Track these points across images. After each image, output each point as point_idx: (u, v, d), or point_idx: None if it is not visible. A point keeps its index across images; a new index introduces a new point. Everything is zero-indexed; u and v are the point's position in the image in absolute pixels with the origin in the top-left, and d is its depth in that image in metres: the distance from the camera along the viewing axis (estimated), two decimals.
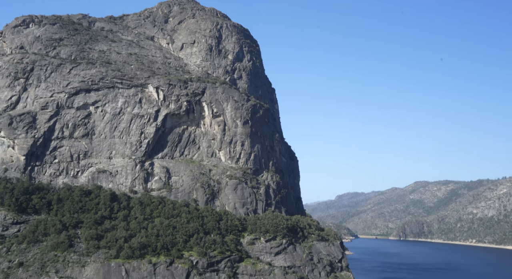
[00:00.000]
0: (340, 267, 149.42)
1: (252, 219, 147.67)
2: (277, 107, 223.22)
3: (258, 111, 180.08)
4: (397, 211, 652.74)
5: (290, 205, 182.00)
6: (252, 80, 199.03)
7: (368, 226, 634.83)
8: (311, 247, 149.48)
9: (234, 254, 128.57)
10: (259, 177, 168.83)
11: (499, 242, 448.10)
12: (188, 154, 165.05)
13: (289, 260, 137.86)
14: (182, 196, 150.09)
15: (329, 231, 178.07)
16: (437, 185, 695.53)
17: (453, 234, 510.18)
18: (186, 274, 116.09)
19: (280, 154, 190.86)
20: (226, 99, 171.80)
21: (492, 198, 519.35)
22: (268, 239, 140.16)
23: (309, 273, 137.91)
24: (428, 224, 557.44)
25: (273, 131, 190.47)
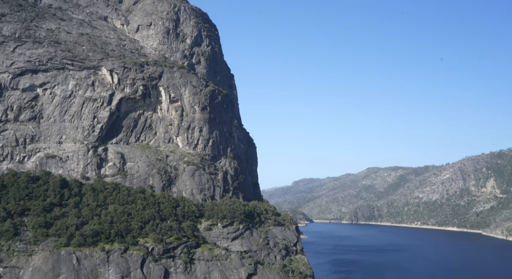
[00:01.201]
0: (295, 251, 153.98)
1: (210, 205, 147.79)
2: (236, 94, 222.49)
3: (217, 97, 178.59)
4: (350, 196, 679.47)
5: (248, 191, 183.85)
6: (211, 66, 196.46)
7: (322, 211, 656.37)
8: (268, 232, 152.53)
9: (191, 240, 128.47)
10: (217, 163, 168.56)
11: (441, 224, 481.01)
12: (144, 140, 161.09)
13: (245, 245, 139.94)
14: (138, 182, 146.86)
15: (285, 216, 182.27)
16: (388, 171, 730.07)
17: (400, 217, 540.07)
18: (141, 261, 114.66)
19: (238, 140, 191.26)
20: (184, 84, 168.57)
21: (436, 183, 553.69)
22: (225, 224, 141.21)
23: (265, 257, 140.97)
24: (378, 208, 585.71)
25: (231, 118, 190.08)
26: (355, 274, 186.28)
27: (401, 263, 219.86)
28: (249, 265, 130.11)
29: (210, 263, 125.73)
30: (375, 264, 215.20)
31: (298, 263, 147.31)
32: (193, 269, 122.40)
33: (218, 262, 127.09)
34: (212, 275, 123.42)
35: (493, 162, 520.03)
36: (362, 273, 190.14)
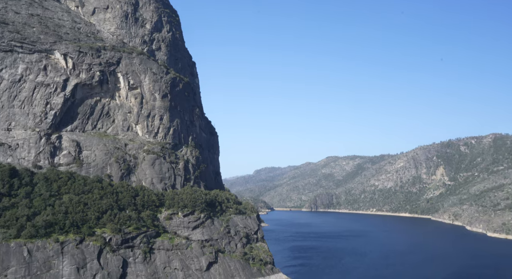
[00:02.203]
0: (256, 239, 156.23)
1: (170, 194, 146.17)
2: (197, 82, 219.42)
3: (178, 85, 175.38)
4: (310, 184, 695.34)
5: (209, 179, 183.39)
6: (171, 52, 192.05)
7: (283, 199, 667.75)
8: (229, 220, 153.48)
9: (151, 229, 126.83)
10: (178, 152, 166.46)
11: (395, 210, 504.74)
12: (101, 127, 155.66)
13: (206, 233, 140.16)
14: (95, 172, 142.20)
15: (246, 204, 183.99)
16: (346, 160, 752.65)
17: (357, 204, 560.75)
18: (98, 252, 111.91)
19: (200, 129, 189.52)
20: (143, 71, 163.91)
21: (391, 171, 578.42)
22: (186, 213, 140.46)
23: (226, 245, 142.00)
24: (337, 195, 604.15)
25: (193, 106, 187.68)
26: (313, 260, 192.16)
27: (357, 248, 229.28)
28: (209, 254, 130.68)
29: (170, 252, 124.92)
30: (332, 250, 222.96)
31: (259, 251, 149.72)
32: (153, 259, 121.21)
33: (179, 251, 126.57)
34: (172, 264, 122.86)
35: (443, 151, 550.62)
36: (320, 258, 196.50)
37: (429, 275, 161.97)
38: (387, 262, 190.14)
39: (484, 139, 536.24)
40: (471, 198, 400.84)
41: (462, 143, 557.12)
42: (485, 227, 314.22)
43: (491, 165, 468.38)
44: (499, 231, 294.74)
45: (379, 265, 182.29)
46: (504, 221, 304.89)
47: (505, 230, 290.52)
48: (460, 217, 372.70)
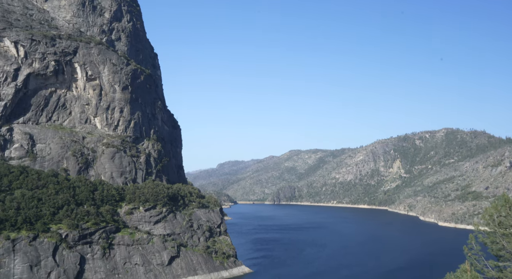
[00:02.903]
0: (219, 232, 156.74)
1: (131, 188, 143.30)
2: (159, 74, 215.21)
3: (139, 77, 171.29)
4: (273, 178, 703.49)
5: (172, 173, 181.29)
6: (132, 43, 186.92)
7: (246, 192, 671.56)
8: (192, 214, 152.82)
9: (110, 224, 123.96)
10: (140, 145, 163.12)
11: (354, 202, 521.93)
12: (57, 120, 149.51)
13: (168, 228, 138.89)
14: (50, 166, 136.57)
15: (209, 198, 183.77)
16: (308, 153, 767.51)
17: (319, 197, 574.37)
18: (53, 249, 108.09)
19: (162, 122, 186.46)
20: (102, 62, 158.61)
21: (351, 164, 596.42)
22: (148, 208, 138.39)
23: (189, 239, 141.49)
24: (299, 188, 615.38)
25: (155, 99, 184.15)
26: (275, 251, 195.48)
27: (318, 239, 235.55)
28: (172, 248, 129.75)
29: (130, 247, 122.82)
30: (294, 241, 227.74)
31: (222, 244, 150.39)
32: (112, 255, 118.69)
33: (140, 246, 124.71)
34: (132, 260, 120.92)
35: (399, 144, 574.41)
36: (282, 249, 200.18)
37: (385, 263, 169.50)
38: (346, 252, 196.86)
39: (437, 133, 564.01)
40: (424, 189, 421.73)
41: (417, 137, 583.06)
42: (437, 217, 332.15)
43: (443, 158, 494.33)
44: (449, 220, 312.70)
45: (339, 255, 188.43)
46: (453, 211, 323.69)
47: (454, 220, 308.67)
48: (414, 208, 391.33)
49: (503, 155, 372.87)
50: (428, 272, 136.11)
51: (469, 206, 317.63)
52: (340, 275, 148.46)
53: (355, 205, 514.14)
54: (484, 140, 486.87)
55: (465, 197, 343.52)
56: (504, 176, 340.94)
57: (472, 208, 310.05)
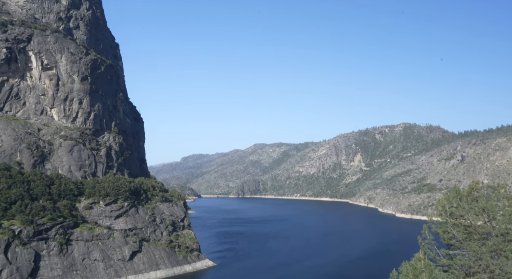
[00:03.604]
0: (182, 226, 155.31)
1: (91, 182, 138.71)
2: (121, 65, 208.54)
3: (100, 67, 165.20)
4: (238, 171, 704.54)
5: (134, 167, 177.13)
6: (92, 32, 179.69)
7: (211, 186, 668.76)
8: (155, 209, 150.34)
9: (68, 220, 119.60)
10: (100, 138, 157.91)
11: (317, 195, 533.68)
12: (9, 110, 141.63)
13: (130, 222, 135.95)
14: (2, 159, 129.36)
15: (173, 192, 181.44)
16: (273, 147, 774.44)
17: (283, 190, 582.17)
18: (5, 245, 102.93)
19: (124, 114, 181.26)
20: (59, 51, 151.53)
21: (314, 158, 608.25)
22: (109, 202, 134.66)
23: (151, 233, 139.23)
24: (263, 182, 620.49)
25: (116, 90, 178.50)
26: (239, 244, 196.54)
27: (281, 231, 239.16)
28: (133, 243, 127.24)
29: (90, 243, 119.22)
30: (258, 234, 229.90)
31: (185, 238, 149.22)
32: (70, 251, 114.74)
33: (99, 242, 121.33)
34: (92, 256, 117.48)
35: (361, 138, 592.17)
36: (246, 242, 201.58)
37: (346, 252, 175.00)
38: (308, 244, 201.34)
39: (395, 128, 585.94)
40: (383, 182, 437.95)
41: (377, 131, 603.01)
42: (394, 208, 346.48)
43: (401, 151, 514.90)
44: (406, 211, 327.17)
45: (302, 247, 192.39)
46: (410, 202, 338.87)
47: (411, 211, 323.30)
48: (374, 200, 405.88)
49: (455, 149, 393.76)
50: (386, 261, 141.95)
51: (424, 198, 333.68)
52: (303, 266, 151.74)
53: (318, 197, 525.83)
54: (438, 135, 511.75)
55: (421, 189, 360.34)
56: (456, 169, 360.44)
57: (427, 200, 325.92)
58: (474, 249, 23.65)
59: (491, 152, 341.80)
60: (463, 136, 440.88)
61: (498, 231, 23.32)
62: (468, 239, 24.66)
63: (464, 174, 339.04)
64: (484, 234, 24.03)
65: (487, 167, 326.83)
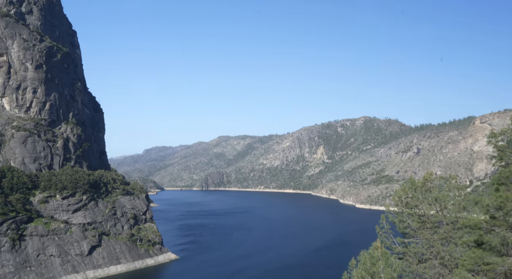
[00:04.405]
0: (145, 219, 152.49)
1: (46, 175, 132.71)
2: (79, 53, 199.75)
3: (55, 55, 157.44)
4: (202, 164, 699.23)
5: (93, 159, 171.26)
6: (47, 18, 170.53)
7: (174, 179, 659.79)
8: (115, 202, 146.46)
9: (21, 214, 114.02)
10: (56, 129, 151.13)
11: (280, 187, 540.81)
12: None
13: (89, 216, 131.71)
14: None
15: (134, 185, 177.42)
16: (237, 139, 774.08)
17: (247, 182, 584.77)
18: None
19: (82, 105, 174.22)
20: (11, 36, 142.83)
21: (278, 151, 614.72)
22: (66, 196, 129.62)
23: (112, 227, 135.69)
24: (227, 174, 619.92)
25: (74, 79, 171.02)
26: (203, 237, 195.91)
27: (245, 223, 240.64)
28: (92, 237, 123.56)
29: (45, 238, 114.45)
30: (222, 226, 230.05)
31: (147, 231, 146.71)
32: (23, 246, 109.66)
33: (56, 237, 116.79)
34: (47, 251, 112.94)
35: (323, 131, 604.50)
36: (210, 235, 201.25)
37: (308, 243, 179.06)
38: (272, 235, 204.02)
39: (356, 121, 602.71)
40: (344, 174, 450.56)
41: (339, 124, 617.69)
42: (355, 199, 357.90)
43: (361, 144, 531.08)
44: (365, 202, 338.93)
45: (265, 238, 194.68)
46: (369, 193, 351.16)
47: (370, 202, 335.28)
48: (335, 192, 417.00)
49: (412, 142, 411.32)
50: (345, 250, 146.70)
51: (382, 189, 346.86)
52: (266, 256, 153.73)
53: (281, 189, 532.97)
54: (396, 128, 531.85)
55: (379, 181, 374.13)
56: (412, 161, 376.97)
57: (385, 191, 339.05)
58: (426, 237, 24.85)
59: (444, 144, 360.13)
60: (419, 129, 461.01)
61: (449, 219, 24.62)
62: (422, 227, 25.84)
63: (420, 166, 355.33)
64: (436, 223, 25.30)
65: (440, 159, 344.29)
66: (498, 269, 17.47)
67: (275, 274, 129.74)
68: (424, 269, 23.90)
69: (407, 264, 24.96)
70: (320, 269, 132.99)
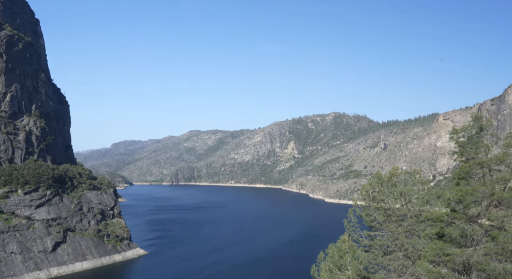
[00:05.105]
0: (112, 215, 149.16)
1: (7, 169, 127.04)
2: (42, 43, 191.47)
3: (17, 44, 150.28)
4: (172, 158, 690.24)
5: (58, 153, 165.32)
6: (6, 5, 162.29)
7: (143, 173, 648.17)
8: (81, 197, 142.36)
9: None
10: (18, 121, 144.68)
11: (251, 181, 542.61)
12: None
13: (53, 212, 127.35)
14: None
15: (102, 179, 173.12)
16: (208, 134, 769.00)
17: (217, 177, 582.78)
18: None
19: (46, 97, 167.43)
20: None
21: (249, 145, 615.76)
22: (28, 191, 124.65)
23: (77, 223, 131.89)
24: (198, 169, 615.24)
25: (37, 70, 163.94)
26: (173, 231, 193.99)
27: (216, 218, 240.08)
28: (57, 233, 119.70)
29: (5, 234, 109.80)
30: (192, 221, 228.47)
31: (115, 227, 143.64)
32: None
33: (17, 233, 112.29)
34: (7, 248, 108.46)
35: (294, 126, 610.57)
36: (180, 229, 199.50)
37: (278, 237, 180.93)
38: (242, 229, 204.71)
39: (327, 117, 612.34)
40: (314, 169, 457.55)
41: (310, 120, 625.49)
42: (324, 194, 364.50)
43: (331, 139, 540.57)
44: (334, 197, 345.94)
45: (235, 232, 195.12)
46: (338, 188, 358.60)
47: (338, 196, 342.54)
48: (305, 186, 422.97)
49: (379, 138, 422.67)
50: (315, 244, 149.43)
51: (350, 183, 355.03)
52: (236, 250, 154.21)
53: (252, 184, 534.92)
54: (365, 124, 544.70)
55: (348, 175, 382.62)
56: (379, 156, 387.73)
57: (353, 185, 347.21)
58: (391, 230, 25.64)
59: (409, 140, 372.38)
60: (386, 126, 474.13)
61: (413, 213, 25.50)
62: (387, 221, 26.63)
63: (386, 161, 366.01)
64: (401, 216, 26.14)
65: (406, 154, 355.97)
66: (457, 260, 18.26)
67: (245, 268, 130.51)
68: (388, 261, 24.68)
69: (373, 257, 25.68)
70: (290, 262, 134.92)
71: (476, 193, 18.57)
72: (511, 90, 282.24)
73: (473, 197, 18.64)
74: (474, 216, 19.03)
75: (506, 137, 19.01)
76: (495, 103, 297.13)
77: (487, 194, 18.49)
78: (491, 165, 18.90)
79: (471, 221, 19.05)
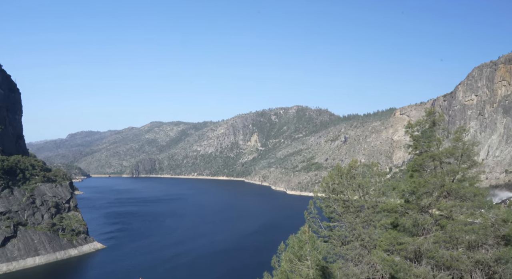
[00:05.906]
0: (68, 208, 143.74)
1: None
2: None
3: None
4: (132, 150, 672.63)
5: (9, 143, 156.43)
6: None
7: (102, 165, 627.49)
8: (34, 190, 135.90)
9: None
10: None
11: (214, 174, 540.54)
12: None
13: (3, 205, 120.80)
14: None
15: (57, 171, 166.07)
16: (170, 125, 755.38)
17: (180, 169, 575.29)
18: None
19: None
20: None
21: (212, 137, 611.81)
22: None
23: (30, 217, 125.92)
24: (159, 161, 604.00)
25: None
26: (133, 224, 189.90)
27: (177, 210, 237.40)
28: (6, 228, 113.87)
29: None
30: (153, 213, 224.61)
31: (71, 220, 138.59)
32: None
33: None
34: None
35: (257, 119, 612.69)
36: (140, 222, 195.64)
37: (241, 228, 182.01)
38: (204, 221, 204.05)
39: (290, 110, 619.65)
40: (277, 161, 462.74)
41: (273, 112, 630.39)
42: (286, 186, 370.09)
43: (294, 132, 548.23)
44: (296, 189, 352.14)
45: (198, 224, 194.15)
46: (299, 180, 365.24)
47: (300, 188, 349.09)
48: (268, 178, 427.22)
49: (340, 131, 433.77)
50: (276, 235, 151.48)
51: (312, 176, 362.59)
52: (198, 243, 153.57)
53: (215, 176, 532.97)
54: (326, 117, 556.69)
55: (309, 168, 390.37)
56: (340, 149, 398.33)
57: (314, 177, 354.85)
58: (350, 220, 26.42)
59: (368, 134, 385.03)
60: (347, 119, 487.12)
61: (370, 204, 26.40)
62: (346, 212, 27.39)
63: (346, 154, 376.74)
64: (359, 207, 26.97)
65: (365, 147, 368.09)
66: (409, 248, 19.12)
67: (208, 260, 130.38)
68: (346, 250, 25.44)
69: (331, 247, 26.37)
70: (252, 253, 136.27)
71: (428, 185, 19.46)
72: (461, 87, 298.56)
73: (425, 188, 19.53)
74: (425, 206, 19.95)
75: (455, 131, 19.99)
76: (447, 99, 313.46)
77: (438, 185, 19.42)
78: (442, 158, 19.84)
79: (423, 211, 19.97)
